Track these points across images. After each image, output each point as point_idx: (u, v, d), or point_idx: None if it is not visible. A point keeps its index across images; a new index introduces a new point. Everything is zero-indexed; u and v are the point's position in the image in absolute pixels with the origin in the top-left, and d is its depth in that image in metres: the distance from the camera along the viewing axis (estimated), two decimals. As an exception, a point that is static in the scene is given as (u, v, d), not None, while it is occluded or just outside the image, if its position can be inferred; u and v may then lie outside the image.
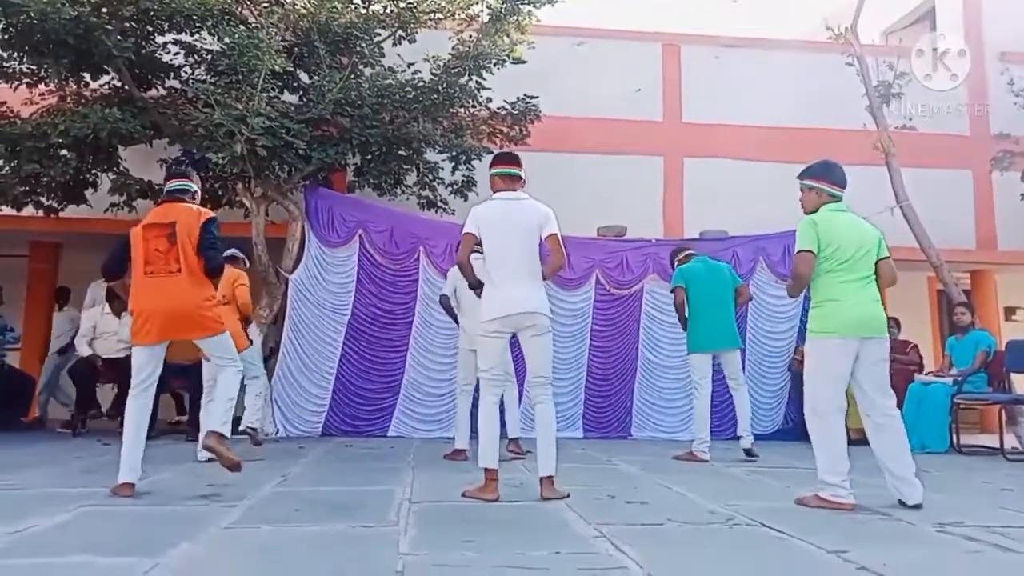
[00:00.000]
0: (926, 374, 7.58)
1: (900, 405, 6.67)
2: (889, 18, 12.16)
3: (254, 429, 5.85)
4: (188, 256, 3.93)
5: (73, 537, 2.86)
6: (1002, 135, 9.03)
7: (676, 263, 6.28)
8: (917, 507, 3.58)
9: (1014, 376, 7.05)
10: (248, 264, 6.25)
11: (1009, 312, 10.23)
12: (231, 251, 5.68)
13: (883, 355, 3.79)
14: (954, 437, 6.88)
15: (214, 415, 4.04)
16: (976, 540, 2.94)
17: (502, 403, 4.22)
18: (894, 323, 7.88)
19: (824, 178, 3.92)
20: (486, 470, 3.75)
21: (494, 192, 4.09)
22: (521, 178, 4.11)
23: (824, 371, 3.73)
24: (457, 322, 5.82)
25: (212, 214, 4.14)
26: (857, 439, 6.27)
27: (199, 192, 4.29)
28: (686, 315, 5.93)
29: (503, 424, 4.47)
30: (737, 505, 3.62)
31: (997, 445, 6.59)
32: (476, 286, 4.04)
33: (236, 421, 4.57)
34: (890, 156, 8.26)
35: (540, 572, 2.38)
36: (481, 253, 3.98)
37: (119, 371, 6.86)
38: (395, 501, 3.62)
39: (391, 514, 3.31)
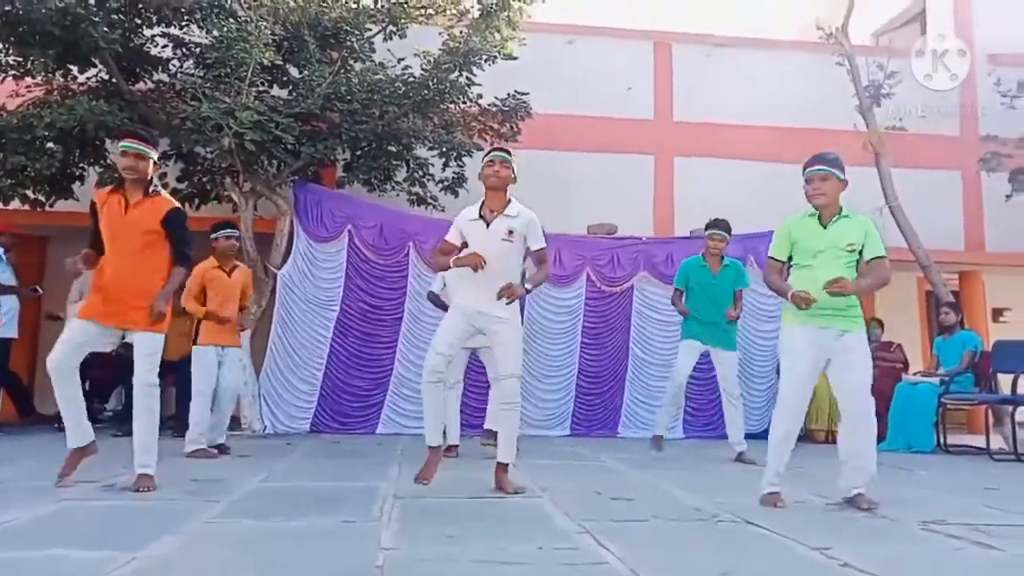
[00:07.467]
0: (914, 374, 7.60)
1: (888, 405, 6.77)
2: (879, 19, 12.20)
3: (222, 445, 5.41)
4: (154, 240, 3.77)
5: (52, 530, 2.83)
6: (989, 137, 9.07)
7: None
8: (859, 494, 3.54)
9: (1001, 377, 7.07)
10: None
11: (997, 313, 10.27)
12: (228, 230, 5.64)
13: (853, 346, 3.62)
14: (941, 437, 6.90)
15: (139, 450, 3.73)
16: (958, 538, 2.95)
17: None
18: (877, 324, 7.91)
19: (842, 167, 3.81)
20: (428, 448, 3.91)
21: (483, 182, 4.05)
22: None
23: (785, 359, 3.79)
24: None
25: (177, 204, 3.95)
26: (819, 440, 6.34)
27: (156, 162, 3.92)
28: (685, 308, 5.85)
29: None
30: (723, 503, 3.62)
31: (983, 445, 6.61)
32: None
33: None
34: (880, 156, 8.29)
35: (521, 567, 2.37)
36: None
37: (107, 366, 6.84)
38: (379, 496, 3.61)
39: (375, 509, 3.29)
